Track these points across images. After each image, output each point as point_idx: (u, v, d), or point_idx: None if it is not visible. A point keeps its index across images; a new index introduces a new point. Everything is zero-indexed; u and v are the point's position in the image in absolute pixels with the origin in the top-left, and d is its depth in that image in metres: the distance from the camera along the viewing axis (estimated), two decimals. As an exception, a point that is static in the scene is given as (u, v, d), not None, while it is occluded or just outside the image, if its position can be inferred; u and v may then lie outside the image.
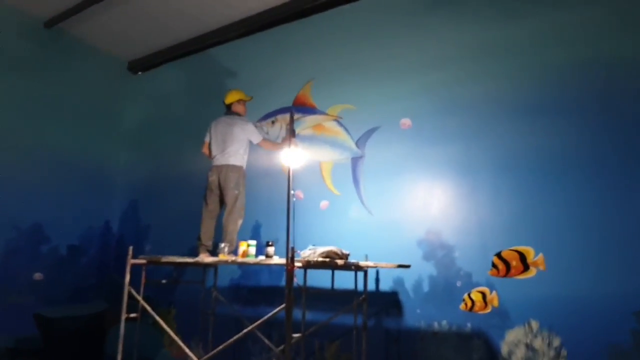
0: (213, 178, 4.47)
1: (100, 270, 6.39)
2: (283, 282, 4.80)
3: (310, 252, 3.52)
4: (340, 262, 3.44)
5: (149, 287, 4.31)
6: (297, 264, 3.23)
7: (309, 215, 4.70)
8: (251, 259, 3.73)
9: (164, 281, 4.83)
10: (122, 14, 5.83)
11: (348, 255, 3.65)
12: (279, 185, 5.09)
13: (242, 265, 4.93)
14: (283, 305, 3.09)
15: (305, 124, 4.97)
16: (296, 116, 5.10)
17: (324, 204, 4.69)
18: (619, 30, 3.56)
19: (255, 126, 4.69)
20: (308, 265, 3.31)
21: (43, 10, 5.83)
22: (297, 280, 3.22)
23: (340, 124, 4.76)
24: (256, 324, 3.32)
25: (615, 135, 3.41)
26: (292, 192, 3.34)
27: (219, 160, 4.49)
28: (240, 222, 4.43)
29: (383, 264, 3.67)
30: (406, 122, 4.33)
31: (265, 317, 3.29)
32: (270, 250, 3.73)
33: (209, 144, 4.65)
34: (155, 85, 6.92)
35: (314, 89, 5.05)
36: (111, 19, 5.96)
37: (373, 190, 4.43)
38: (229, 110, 4.71)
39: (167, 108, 6.63)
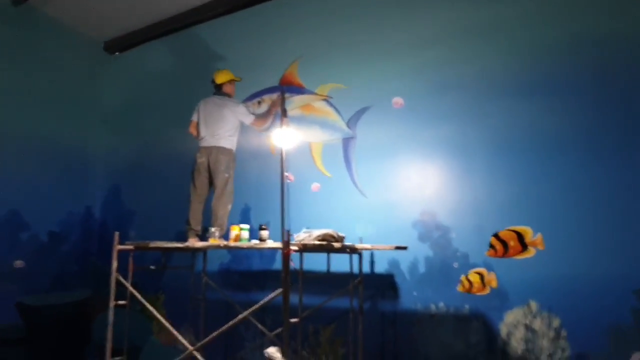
0: (202, 160, 4.32)
1: (82, 257, 6.21)
2: (275, 266, 4.73)
3: (305, 235, 3.41)
4: (337, 245, 3.35)
5: (136, 273, 4.17)
6: (294, 248, 3.12)
7: (300, 198, 4.59)
8: (244, 243, 3.61)
9: (152, 267, 4.66)
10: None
11: (344, 237, 3.56)
12: (268, 168, 4.96)
13: (234, 249, 4.81)
14: (280, 290, 3.00)
15: (293, 104, 4.81)
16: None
17: (315, 186, 4.58)
18: (612, 4, 3.48)
19: (246, 107, 4.53)
20: (304, 248, 3.20)
21: (10, -14, 5.51)
22: (294, 264, 3.12)
23: (330, 104, 4.63)
24: (252, 309, 3.21)
25: (611, 113, 3.37)
26: (285, 173, 3.20)
27: (209, 141, 4.33)
28: (229, 206, 4.30)
29: (380, 246, 3.59)
30: (398, 101, 4.22)
31: (262, 301, 3.18)
32: (264, 233, 3.61)
33: (197, 124, 4.48)
34: (134, 66, 6.65)
35: (301, 68, 4.88)
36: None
37: (366, 172, 4.33)
38: (218, 90, 4.54)
39: (148, 89, 6.39)
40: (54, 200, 5.93)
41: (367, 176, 4.31)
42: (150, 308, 3.90)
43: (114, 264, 3.95)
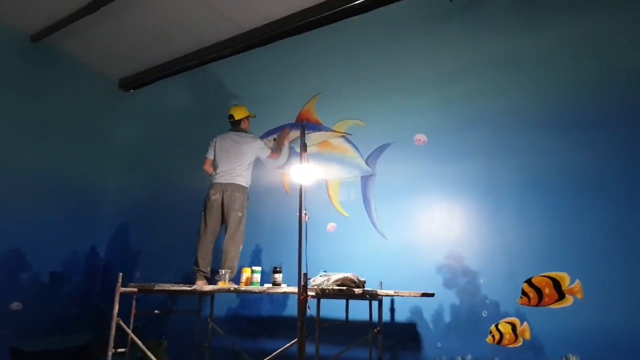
0: (216, 196, 4.14)
1: (84, 299, 5.94)
2: (286, 312, 4.43)
3: (323, 279, 3.17)
4: (358, 290, 3.09)
5: (138, 317, 3.91)
6: (311, 293, 2.87)
7: (314, 239, 4.29)
8: (256, 287, 3.35)
9: (156, 311, 4.40)
10: (112, 29, 5.57)
11: (364, 282, 3.30)
12: (281, 207, 4.77)
13: (244, 293, 4.52)
14: (295, 340, 2.73)
15: (310, 141, 4.66)
16: (298, 133, 4.80)
17: (331, 226, 4.35)
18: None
19: (263, 141, 4.44)
20: (322, 294, 2.95)
21: (29, 23, 5.56)
22: (311, 310, 2.85)
23: (349, 141, 4.47)
24: (269, 358, 2.94)
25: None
26: (304, 212, 2.99)
27: (225, 177, 4.18)
28: (241, 247, 4.10)
29: (405, 292, 3.31)
30: (421, 138, 4.05)
31: (276, 352, 2.91)
32: (278, 277, 3.36)
33: (213, 161, 4.33)
34: (147, 103, 6.62)
35: (319, 105, 4.77)
36: (101, 34, 5.70)
37: (386, 212, 4.10)
38: (235, 126, 4.44)
39: (161, 127, 6.31)
40: (59, 238, 5.76)
41: (387, 216, 4.08)
42: (152, 357, 3.63)
43: (115, 308, 3.72)
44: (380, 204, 4.15)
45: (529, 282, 3.32)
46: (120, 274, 3.77)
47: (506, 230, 3.50)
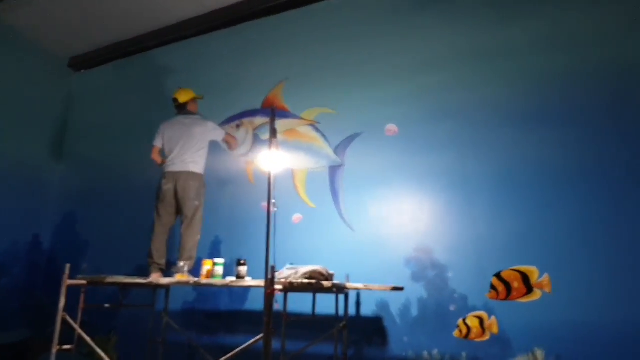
0: (168, 186, 3.87)
1: (25, 293, 5.50)
2: (247, 306, 4.26)
3: (290, 272, 3.02)
4: (327, 284, 2.96)
5: (85, 311, 3.62)
6: (278, 287, 2.71)
7: (279, 230, 4.12)
8: (218, 280, 3.16)
9: (107, 305, 4.10)
10: (62, 3, 5.15)
11: (333, 275, 3.18)
12: (243, 196, 4.57)
13: (205, 287, 4.29)
14: (261, 335, 2.58)
15: (277, 129, 4.47)
16: (264, 120, 4.62)
17: (296, 217, 4.20)
18: (627, 32, 3.36)
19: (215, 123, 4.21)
20: (291, 287, 2.79)
21: (-32, -9, 5.06)
22: (279, 305, 2.70)
23: (317, 129, 4.32)
24: (229, 355, 2.76)
25: (623, 146, 3.18)
26: (272, 200, 2.82)
27: (177, 166, 3.91)
28: (198, 237, 3.87)
29: (375, 286, 3.21)
30: (392, 128, 3.96)
31: (242, 347, 2.75)
32: (243, 270, 3.17)
33: (161, 149, 4.06)
34: (99, 85, 6.22)
35: (286, 91, 4.59)
36: (50, 8, 5.26)
37: (354, 203, 3.99)
38: (182, 109, 4.16)
39: (113, 111, 5.93)
40: (-2, 227, 5.28)
41: (355, 208, 3.97)
42: (101, 353, 3.36)
43: (62, 301, 3.42)
44: (348, 195, 4.04)
45: (498, 275, 3.29)
46: (68, 265, 3.48)
47: (476, 223, 3.47)
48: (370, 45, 4.28)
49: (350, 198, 4.02)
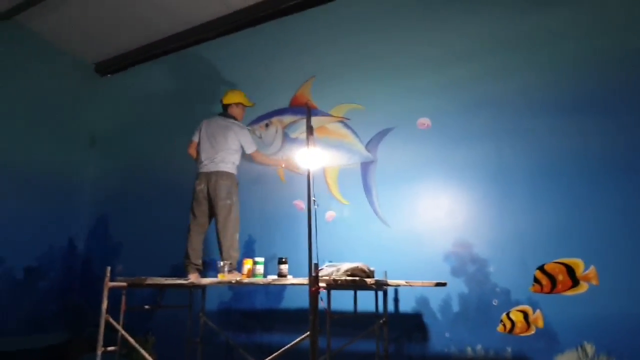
0: (201, 187, 3.91)
1: (62, 296, 5.61)
2: (283, 305, 4.26)
3: (332, 270, 3.00)
4: (370, 281, 2.94)
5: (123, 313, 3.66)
6: (321, 284, 2.70)
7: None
8: (260, 279, 3.16)
9: (147, 307, 4.15)
10: (88, 9, 5.20)
11: (374, 272, 3.15)
12: (273, 194, 4.56)
13: (247, 286, 4.29)
14: (307, 334, 2.56)
15: (305, 127, 4.45)
16: (293, 119, 4.61)
17: (329, 214, 4.18)
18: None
19: (251, 133, 4.18)
20: (334, 285, 2.78)
21: (-4, -1, 5.14)
22: (324, 303, 2.68)
23: (347, 126, 4.29)
24: (276, 354, 2.76)
25: (668, 133, 3.08)
26: (313, 199, 2.81)
27: (208, 166, 3.94)
28: (237, 236, 3.87)
29: (417, 282, 3.17)
30: (425, 122, 3.91)
31: (288, 346, 2.74)
32: (284, 268, 3.17)
33: (198, 144, 4.09)
34: (126, 88, 6.27)
35: (315, 88, 4.56)
36: (76, 15, 5.32)
37: (388, 199, 3.95)
38: (224, 111, 4.18)
39: (140, 114, 5.99)
40: (34, 232, 5.40)
41: (389, 203, 3.93)
42: (145, 354, 3.40)
43: (104, 303, 3.46)
44: (382, 191, 4.00)
45: (541, 269, 3.23)
46: (109, 267, 3.52)
47: (517, 216, 3.40)
48: (398, 38, 4.21)
49: (384, 194, 3.98)
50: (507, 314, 3.28)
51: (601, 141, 3.23)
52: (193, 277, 3.73)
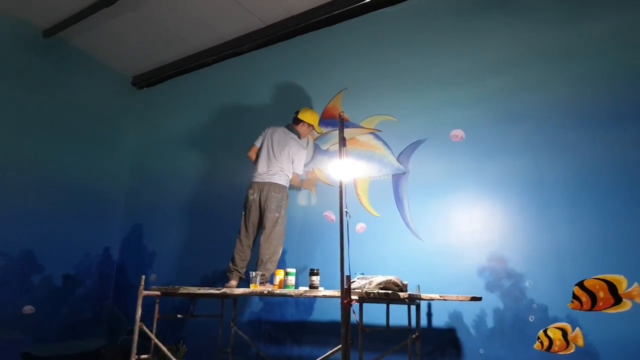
0: (254, 196, 3.99)
1: (97, 303, 5.75)
2: (313, 317, 4.24)
3: (364, 283, 2.97)
4: (403, 295, 2.90)
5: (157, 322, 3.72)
6: (354, 297, 2.68)
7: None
8: (292, 290, 3.16)
9: (179, 316, 4.22)
10: (126, 24, 5.41)
11: (407, 285, 3.11)
12: (305, 206, 4.57)
13: (278, 297, 4.31)
14: (339, 347, 2.54)
15: (336, 139, 4.45)
16: (325, 130, 4.62)
17: (360, 226, 4.16)
18: None
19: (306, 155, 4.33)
20: (367, 298, 2.75)
21: (41, 18, 5.40)
22: (356, 316, 2.66)
23: (378, 138, 4.27)
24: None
25: None
26: (345, 210, 2.81)
27: (262, 177, 4.04)
28: (280, 249, 3.94)
29: (452, 296, 3.12)
30: (458, 133, 3.86)
31: (321, 358, 2.73)
32: (316, 280, 3.17)
33: (258, 151, 4.20)
34: (161, 101, 6.44)
35: (346, 100, 4.58)
36: (114, 30, 5.54)
37: (420, 212, 3.90)
38: (293, 123, 4.29)
39: (174, 126, 6.12)
40: (71, 240, 5.57)
41: (422, 216, 3.88)
42: (178, 363, 3.45)
43: (139, 312, 3.53)
44: (414, 203, 3.95)
45: (580, 285, 3.12)
46: (143, 276, 3.61)
47: (554, 230, 3.30)
48: (430, 50, 4.19)
49: (416, 206, 3.93)
50: (545, 331, 3.18)
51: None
52: (231, 283, 3.77)
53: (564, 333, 3.12)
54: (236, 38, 5.47)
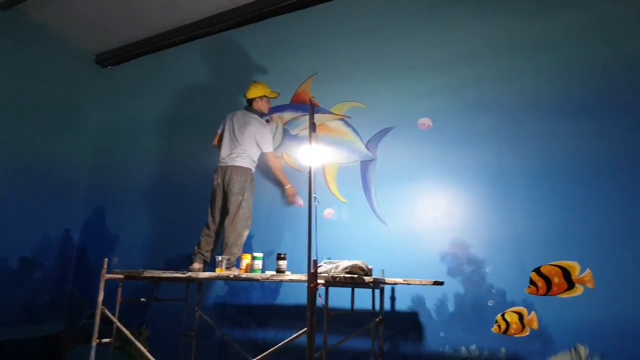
0: (218, 181, 3.96)
1: (57, 287, 5.60)
2: (279, 301, 4.26)
3: (330, 267, 3.01)
4: (368, 279, 2.95)
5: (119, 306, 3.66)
6: (320, 281, 2.71)
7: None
8: (258, 275, 3.16)
9: (143, 299, 4.17)
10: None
11: (372, 270, 3.17)
12: (271, 191, 4.56)
13: (244, 281, 4.30)
14: (304, 330, 2.57)
15: (305, 124, 4.46)
16: (293, 115, 4.61)
17: (328, 212, 4.19)
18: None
19: (271, 132, 4.22)
20: (333, 282, 2.79)
21: (-2, -12, 5.11)
22: (322, 299, 2.69)
23: (348, 124, 4.29)
24: (275, 348, 2.77)
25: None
26: (313, 195, 2.82)
27: (225, 160, 4.00)
28: (246, 233, 3.89)
29: (415, 280, 3.19)
30: (426, 122, 3.92)
31: (285, 341, 2.75)
32: (283, 264, 3.18)
33: (222, 136, 4.15)
34: (127, 80, 6.25)
35: (316, 85, 4.57)
36: (78, 4, 5.29)
37: (387, 198, 3.96)
38: (249, 105, 4.22)
39: (140, 107, 5.96)
40: (29, 221, 5.38)
41: (388, 202, 3.94)
42: (140, 346, 3.42)
43: (101, 295, 3.47)
44: (381, 190, 4.01)
45: (537, 271, 3.25)
46: (106, 259, 3.53)
47: (514, 218, 3.42)
48: (402, 37, 4.23)
49: (383, 193, 3.99)
50: (502, 315, 3.31)
51: (600, 146, 3.25)
52: (195, 266, 3.74)
53: (521, 317, 3.25)
54: (206, 18, 5.36)
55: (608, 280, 3.05)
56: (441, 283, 3.14)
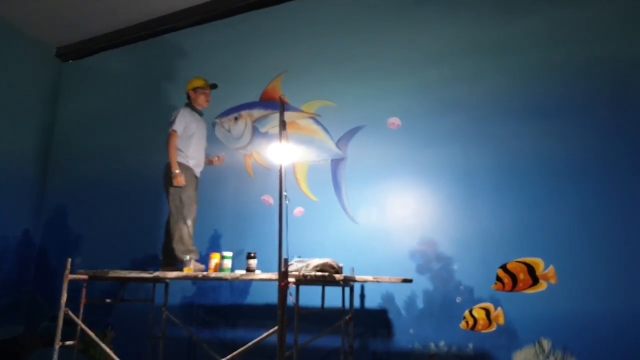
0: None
1: (15, 289, 5.37)
2: (248, 300, 4.23)
3: (301, 265, 2.99)
4: (338, 276, 2.95)
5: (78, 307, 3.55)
6: (291, 280, 2.69)
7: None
8: (228, 274, 3.12)
9: (108, 300, 4.05)
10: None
11: (342, 268, 3.17)
12: (242, 190, 4.52)
13: (214, 281, 4.21)
14: (275, 328, 2.55)
15: (275, 122, 4.43)
16: (262, 113, 4.58)
17: (298, 210, 4.18)
18: (626, 28, 3.42)
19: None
20: (304, 280, 2.78)
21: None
22: (293, 298, 2.68)
23: (318, 122, 4.29)
24: (245, 347, 2.74)
25: (623, 138, 3.24)
26: (284, 193, 2.80)
27: None
28: (182, 226, 3.65)
29: (385, 278, 3.22)
30: (395, 121, 3.96)
31: (256, 340, 2.72)
32: (253, 263, 3.14)
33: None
34: (90, 75, 6.06)
35: (286, 83, 4.54)
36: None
37: (357, 196, 3.98)
38: (191, 104, 4.06)
39: (103, 102, 5.79)
40: (-15, 221, 5.13)
41: (358, 201, 3.96)
42: (106, 348, 3.32)
43: (64, 296, 3.35)
44: (351, 188, 4.03)
45: (503, 267, 3.33)
46: (69, 259, 3.42)
47: (481, 216, 3.50)
48: (371, 38, 4.26)
49: (353, 191, 4.01)
50: (470, 311, 3.37)
51: (560, 145, 3.38)
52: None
53: (487, 312, 3.32)
54: (172, 13, 5.25)
55: (570, 276, 3.16)
56: (410, 280, 3.18)
